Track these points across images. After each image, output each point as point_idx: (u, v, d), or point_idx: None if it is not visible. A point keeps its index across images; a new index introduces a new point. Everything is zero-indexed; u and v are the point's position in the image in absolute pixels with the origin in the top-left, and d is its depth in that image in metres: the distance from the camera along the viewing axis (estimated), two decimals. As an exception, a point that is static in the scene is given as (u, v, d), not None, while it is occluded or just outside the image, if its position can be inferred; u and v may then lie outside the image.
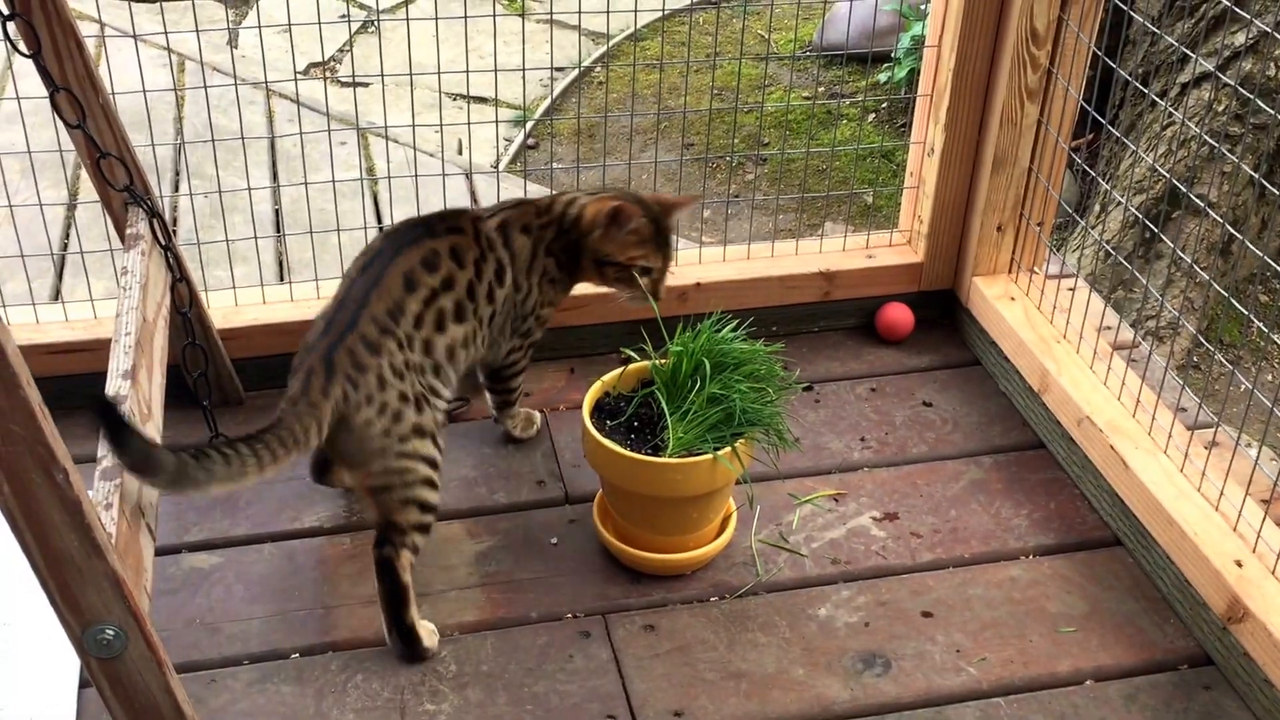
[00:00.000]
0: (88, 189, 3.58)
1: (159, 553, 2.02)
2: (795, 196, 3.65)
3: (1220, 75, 2.33)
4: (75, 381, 2.22)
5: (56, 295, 3.33)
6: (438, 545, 2.09)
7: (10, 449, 1.33)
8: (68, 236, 3.58)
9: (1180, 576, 1.98)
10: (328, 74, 4.50)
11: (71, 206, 3.61)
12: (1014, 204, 2.43)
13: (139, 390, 1.80)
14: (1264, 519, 1.91)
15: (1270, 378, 3.31)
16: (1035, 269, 2.48)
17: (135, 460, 1.60)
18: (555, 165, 3.96)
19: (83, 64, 1.96)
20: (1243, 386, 1.91)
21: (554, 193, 2.22)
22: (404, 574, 1.88)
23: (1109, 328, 2.36)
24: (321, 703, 1.84)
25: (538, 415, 2.32)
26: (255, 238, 2.50)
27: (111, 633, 1.46)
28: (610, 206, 2.09)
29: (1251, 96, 2.07)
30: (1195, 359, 3.39)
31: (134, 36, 2.45)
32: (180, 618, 1.96)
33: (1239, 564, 1.89)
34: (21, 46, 1.90)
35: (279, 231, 3.59)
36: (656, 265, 2.16)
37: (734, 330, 1.98)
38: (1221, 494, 1.98)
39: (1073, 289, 2.36)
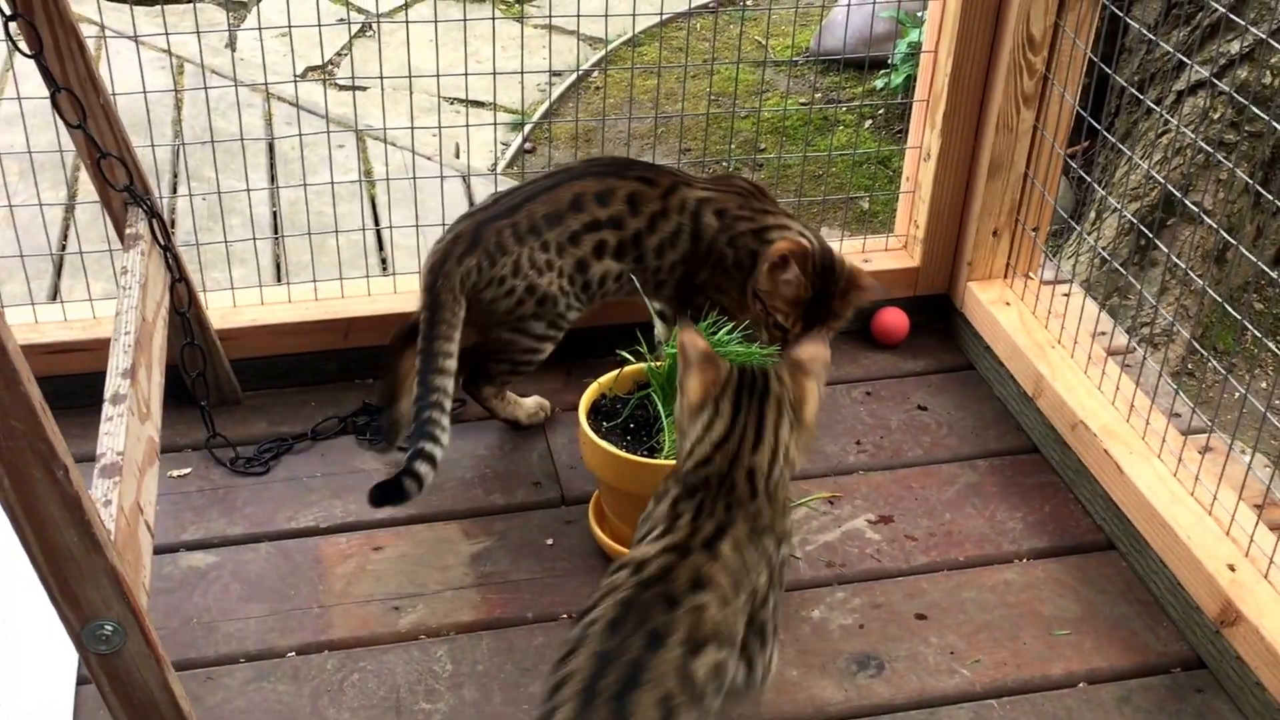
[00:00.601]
0: (86, 191, 3.59)
1: (156, 552, 2.03)
2: (792, 201, 3.66)
3: (1216, 82, 2.35)
4: (74, 381, 2.23)
5: (54, 295, 3.33)
6: (434, 546, 2.10)
7: (11, 444, 1.34)
8: (65, 237, 3.58)
9: (1173, 580, 1.99)
10: (326, 77, 4.50)
11: (70, 207, 3.62)
12: (1009, 209, 2.44)
13: (138, 389, 1.80)
14: (1257, 523, 1.92)
15: (1265, 385, 3.32)
16: (1030, 274, 2.49)
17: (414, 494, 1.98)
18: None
19: (84, 65, 1.97)
20: (1237, 394, 1.93)
21: (777, 205, 2.25)
22: (489, 400, 2.25)
23: (1103, 333, 2.37)
24: (317, 701, 1.85)
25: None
26: (254, 239, 2.51)
27: (110, 628, 1.46)
28: (782, 251, 2.11)
29: (1247, 103, 2.08)
30: (1190, 366, 3.40)
31: (134, 38, 2.46)
32: (177, 616, 1.97)
33: (1232, 568, 1.90)
34: (23, 46, 1.91)
35: (275, 236, 3.59)
36: (790, 328, 2.18)
37: (729, 333, 1.99)
38: (1215, 498, 1.99)
39: (1067, 294, 2.37)
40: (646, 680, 1.35)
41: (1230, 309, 2.04)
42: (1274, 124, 1.89)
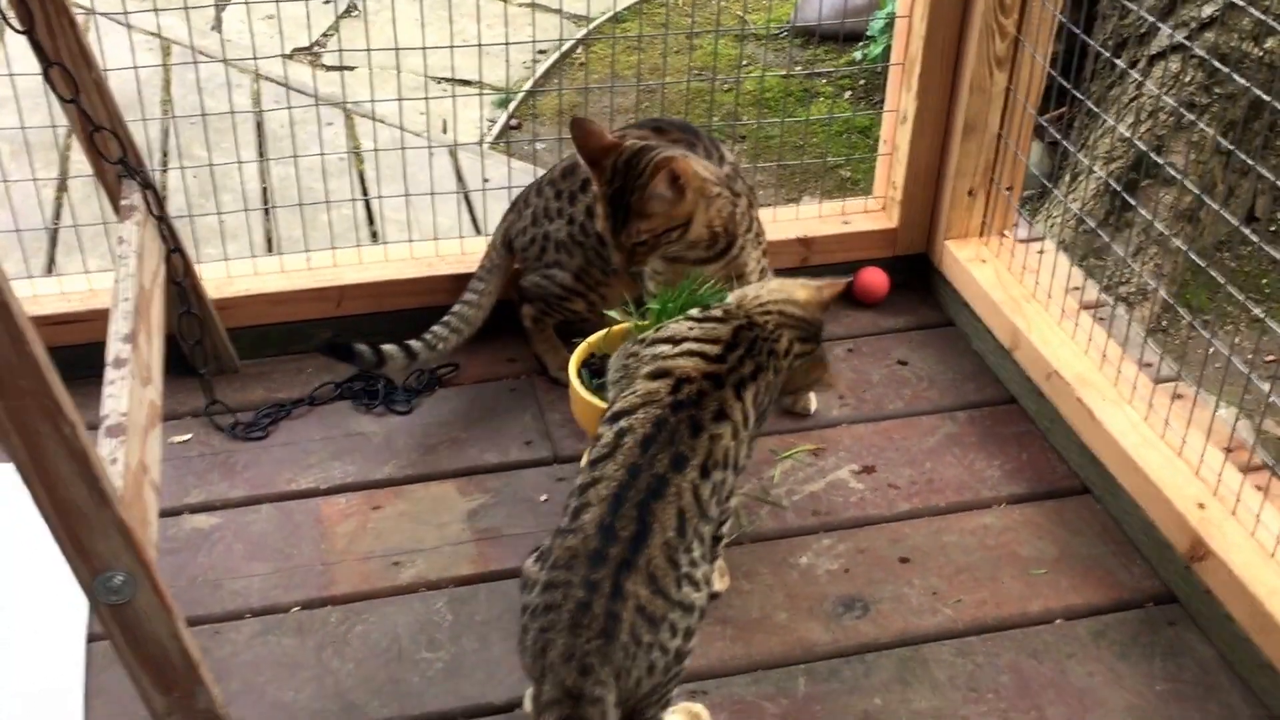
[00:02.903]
0: (77, 169, 3.63)
1: (160, 514, 2.07)
2: (772, 167, 3.72)
3: (1188, 44, 2.40)
4: (72, 352, 2.26)
5: (49, 270, 3.38)
6: (431, 504, 2.16)
7: (19, 403, 1.38)
8: (59, 213, 3.62)
9: (1145, 519, 2.05)
10: (313, 59, 4.54)
11: (63, 185, 3.65)
12: (984, 169, 2.50)
13: (139, 354, 1.85)
14: (1224, 463, 1.98)
15: (1237, 340, 3.38)
16: (1005, 232, 2.55)
17: (368, 365, 2.26)
18: (538, 144, 4.02)
19: (75, 40, 2.01)
20: (1211, 349, 2.00)
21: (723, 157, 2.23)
22: (525, 320, 2.41)
23: (1076, 288, 2.43)
24: (322, 653, 1.91)
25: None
26: (245, 210, 2.55)
27: (120, 579, 1.51)
28: (582, 122, 2.01)
29: (1220, 66, 2.14)
30: (1164, 323, 3.46)
31: (124, 15, 2.50)
32: (184, 575, 2.02)
33: (1201, 506, 1.97)
34: (15, 24, 1.95)
35: (266, 207, 3.63)
36: (601, 221, 2.05)
37: (713, 288, 2.04)
38: (1184, 441, 2.05)
39: (1041, 251, 2.43)
40: (669, 494, 1.62)
41: (1203, 264, 2.10)
42: (1243, 81, 1.95)
